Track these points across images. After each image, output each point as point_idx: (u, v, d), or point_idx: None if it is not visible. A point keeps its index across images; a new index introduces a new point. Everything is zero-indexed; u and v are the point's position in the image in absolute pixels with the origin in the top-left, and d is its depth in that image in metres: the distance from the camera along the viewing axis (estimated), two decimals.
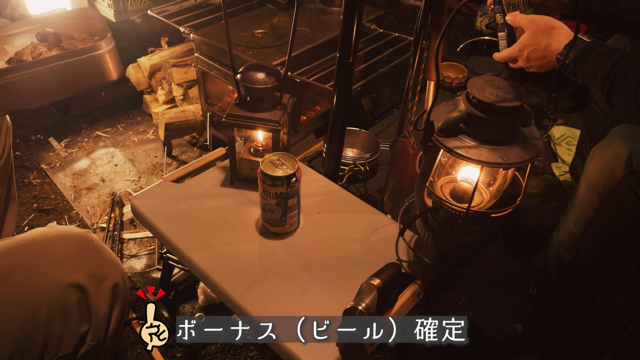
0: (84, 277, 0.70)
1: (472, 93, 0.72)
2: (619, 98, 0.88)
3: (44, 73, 0.79)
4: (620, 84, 0.87)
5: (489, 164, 0.71)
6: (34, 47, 0.87)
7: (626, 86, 0.86)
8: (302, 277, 0.87)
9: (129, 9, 1.86)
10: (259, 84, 0.94)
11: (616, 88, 0.88)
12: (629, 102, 0.86)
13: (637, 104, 0.85)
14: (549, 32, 0.99)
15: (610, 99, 0.90)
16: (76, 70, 0.80)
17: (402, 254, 0.91)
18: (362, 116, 1.98)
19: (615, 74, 0.88)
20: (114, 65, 0.82)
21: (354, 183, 1.60)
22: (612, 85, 0.88)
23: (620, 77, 0.87)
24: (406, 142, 1.25)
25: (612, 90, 0.89)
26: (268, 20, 1.74)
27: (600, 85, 0.91)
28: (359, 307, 0.70)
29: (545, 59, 1.01)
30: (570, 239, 1.09)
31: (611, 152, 0.95)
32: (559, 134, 1.90)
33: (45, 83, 0.80)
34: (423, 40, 1.12)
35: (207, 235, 0.96)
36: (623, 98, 0.87)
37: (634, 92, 0.85)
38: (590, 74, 0.93)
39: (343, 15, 1.02)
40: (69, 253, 0.75)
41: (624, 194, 0.94)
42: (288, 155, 0.93)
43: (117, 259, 0.81)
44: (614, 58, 0.89)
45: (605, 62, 0.90)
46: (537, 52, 1.01)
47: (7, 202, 1.16)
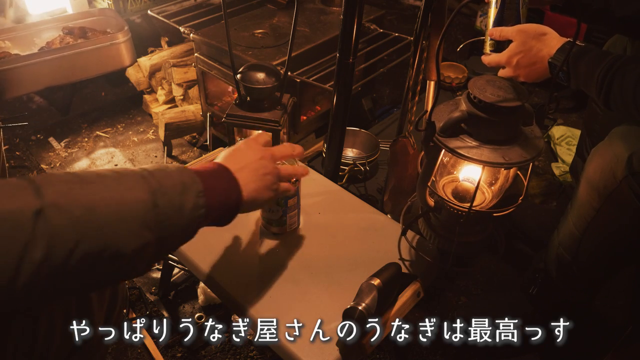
0: None
1: (473, 93, 0.72)
2: (617, 101, 0.87)
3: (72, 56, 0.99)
4: (617, 86, 0.85)
5: (490, 163, 0.71)
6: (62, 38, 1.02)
7: (624, 88, 0.85)
8: (302, 277, 0.87)
9: (129, 9, 1.85)
10: (259, 84, 0.94)
11: (614, 91, 0.86)
12: (628, 104, 0.85)
13: (636, 106, 0.84)
14: (540, 38, 0.98)
15: (607, 102, 0.88)
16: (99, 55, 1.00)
17: (403, 253, 0.91)
18: (362, 116, 1.98)
19: (611, 77, 0.86)
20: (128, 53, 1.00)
21: (354, 183, 1.60)
22: (610, 88, 0.86)
23: (617, 79, 0.85)
24: (406, 142, 1.25)
25: (609, 93, 0.87)
26: (268, 20, 1.74)
27: (596, 89, 0.89)
28: (359, 307, 0.70)
29: (535, 65, 0.98)
30: (571, 239, 1.09)
31: (611, 153, 0.95)
32: (559, 134, 1.90)
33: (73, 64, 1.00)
34: (423, 40, 1.12)
35: (207, 235, 0.95)
36: (622, 101, 0.86)
37: (632, 94, 0.84)
38: (585, 77, 0.91)
39: (343, 15, 1.02)
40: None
41: (624, 195, 0.94)
42: None
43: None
44: (609, 60, 0.87)
45: (600, 65, 0.88)
46: (527, 58, 0.98)
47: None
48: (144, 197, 0.54)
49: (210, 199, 0.61)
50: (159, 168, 0.59)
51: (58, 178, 0.51)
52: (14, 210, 0.45)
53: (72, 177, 0.52)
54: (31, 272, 0.45)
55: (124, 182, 0.54)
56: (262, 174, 0.72)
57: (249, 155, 0.73)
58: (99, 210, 0.50)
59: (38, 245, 0.45)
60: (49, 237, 0.46)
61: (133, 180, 0.55)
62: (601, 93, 0.88)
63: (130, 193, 0.53)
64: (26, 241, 0.45)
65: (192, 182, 0.60)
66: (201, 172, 0.63)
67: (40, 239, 0.45)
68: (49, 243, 0.46)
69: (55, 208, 0.47)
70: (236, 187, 0.68)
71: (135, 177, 0.56)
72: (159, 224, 0.55)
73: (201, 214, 0.60)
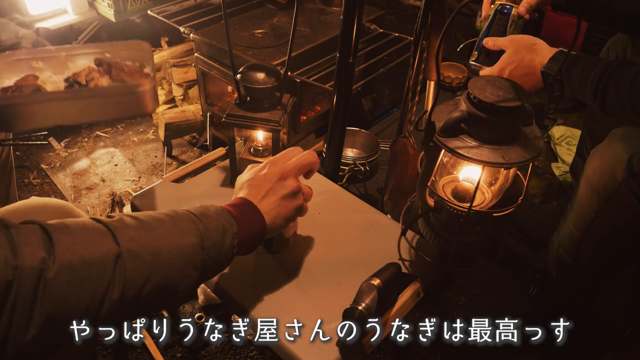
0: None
1: (473, 93, 0.72)
2: (613, 104, 0.86)
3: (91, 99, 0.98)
4: (612, 90, 0.85)
5: (490, 163, 0.71)
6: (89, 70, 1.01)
7: (619, 90, 0.84)
8: (302, 277, 0.86)
9: (129, 9, 1.85)
10: (259, 84, 0.94)
11: (609, 94, 0.86)
12: (625, 107, 0.85)
13: (633, 108, 0.84)
14: (531, 48, 0.98)
15: (604, 107, 0.88)
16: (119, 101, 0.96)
17: (403, 253, 0.91)
18: (362, 116, 1.98)
19: (606, 80, 0.86)
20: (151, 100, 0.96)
21: (354, 183, 1.60)
22: (605, 91, 0.86)
23: (612, 83, 0.85)
24: (406, 142, 1.25)
25: (605, 97, 0.86)
26: (268, 20, 1.74)
27: (591, 94, 0.88)
28: (358, 307, 0.70)
29: (528, 76, 0.98)
30: (571, 240, 1.09)
31: (611, 155, 0.95)
32: (559, 134, 1.90)
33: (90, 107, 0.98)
34: (423, 40, 1.12)
35: None
36: (618, 103, 0.85)
37: (628, 96, 0.83)
38: (579, 83, 0.91)
39: (343, 15, 1.02)
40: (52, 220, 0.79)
41: (624, 196, 0.94)
42: None
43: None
44: (602, 66, 0.87)
45: (593, 71, 0.88)
46: (520, 68, 0.98)
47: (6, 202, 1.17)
48: (194, 241, 0.63)
49: (241, 238, 0.69)
50: (202, 211, 0.67)
51: (127, 224, 0.59)
52: (101, 257, 0.54)
53: (138, 223, 0.60)
54: (110, 307, 0.54)
55: (179, 227, 0.63)
56: (282, 198, 0.75)
57: (269, 178, 0.76)
58: (162, 255, 0.59)
59: (116, 286, 0.54)
60: (125, 280, 0.54)
61: (186, 226, 0.64)
62: (597, 98, 0.88)
63: (185, 238, 0.62)
64: (108, 283, 0.53)
65: (229, 225, 0.67)
66: (235, 214, 0.70)
67: (118, 281, 0.54)
68: (124, 284, 0.54)
69: (129, 253, 0.56)
70: (261, 220, 0.73)
71: (187, 221, 0.64)
72: (204, 263, 0.64)
73: (235, 252, 0.69)
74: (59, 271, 0.50)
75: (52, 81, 1.03)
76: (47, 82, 1.02)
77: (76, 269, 0.51)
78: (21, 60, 1.05)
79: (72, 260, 0.51)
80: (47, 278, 0.49)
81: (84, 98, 0.92)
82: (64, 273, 0.50)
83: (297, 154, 0.81)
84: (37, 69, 1.06)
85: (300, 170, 0.79)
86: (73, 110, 0.93)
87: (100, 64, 1.04)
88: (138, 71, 1.01)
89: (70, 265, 0.51)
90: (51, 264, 0.50)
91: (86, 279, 0.52)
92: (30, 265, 0.49)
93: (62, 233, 0.53)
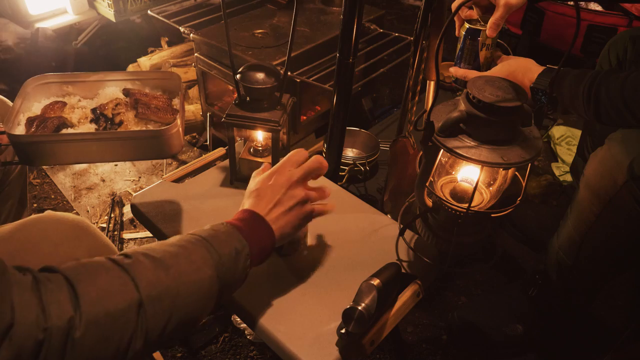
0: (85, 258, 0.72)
1: (472, 93, 0.72)
2: (607, 110, 0.85)
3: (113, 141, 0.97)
4: (604, 96, 0.85)
5: (489, 164, 0.71)
6: (116, 103, 1.01)
7: (611, 95, 0.84)
8: (301, 277, 0.87)
9: (129, 9, 1.86)
10: (258, 84, 0.94)
11: (602, 101, 0.85)
12: (620, 111, 0.84)
13: (628, 108, 0.83)
14: (521, 64, 0.98)
15: (598, 114, 0.87)
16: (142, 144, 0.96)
17: (402, 254, 0.91)
18: (362, 116, 1.98)
19: (597, 88, 0.85)
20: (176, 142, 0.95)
21: (354, 183, 1.60)
22: (597, 99, 0.86)
23: (603, 90, 0.85)
24: (406, 142, 1.25)
25: (598, 105, 0.86)
26: (268, 20, 1.74)
27: (584, 104, 0.88)
28: (358, 307, 0.70)
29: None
30: (571, 243, 1.09)
31: (611, 158, 0.95)
32: (559, 134, 1.90)
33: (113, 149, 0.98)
34: (423, 40, 1.12)
35: None
36: (612, 108, 0.84)
37: (621, 99, 0.83)
38: (570, 96, 0.90)
39: (343, 15, 1.02)
40: (67, 237, 0.79)
41: (624, 200, 0.93)
42: None
43: (113, 245, 0.87)
44: (590, 75, 0.87)
45: (582, 81, 0.88)
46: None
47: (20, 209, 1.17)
48: (210, 273, 0.64)
49: (253, 256, 0.70)
50: (213, 235, 0.67)
51: (144, 265, 0.59)
52: (124, 308, 0.54)
53: (154, 264, 0.60)
54: (133, 356, 0.55)
55: (193, 262, 0.63)
56: (290, 208, 0.76)
57: (277, 190, 0.76)
58: (181, 295, 0.60)
59: (139, 335, 0.55)
60: (147, 327, 0.56)
61: (200, 258, 0.64)
62: (590, 107, 0.87)
63: (200, 273, 0.63)
64: (132, 333, 0.54)
65: (242, 247, 0.68)
66: (245, 230, 0.70)
67: (141, 330, 0.55)
68: (147, 332, 0.56)
69: (149, 299, 0.56)
70: (270, 233, 0.73)
71: (201, 251, 0.65)
72: (220, 290, 0.65)
73: (247, 272, 0.70)
74: (86, 329, 0.50)
75: (79, 106, 1.02)
76: (75, 107, 1.02)
77: (102, 324, 0.52)
78: (51, 84, 1.05)
79: (97, 316, 0.52)
80: (74, 338, 0.50)
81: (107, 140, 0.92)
82: (91, 330, 0.51)
83: (301, 158, 0.81)
84: (66, 92, 1.05)
85: (307, 178, 0.79)
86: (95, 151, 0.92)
87: (128, 94, 1.03)
88: (166, 107, 0.99)
89: (97, 322, 0.52)
90: (78, 322, 0.50)
91: (111, 332, 0.53)
92: (59, 326, 0.49)
93: (86, 284, 0.53)
